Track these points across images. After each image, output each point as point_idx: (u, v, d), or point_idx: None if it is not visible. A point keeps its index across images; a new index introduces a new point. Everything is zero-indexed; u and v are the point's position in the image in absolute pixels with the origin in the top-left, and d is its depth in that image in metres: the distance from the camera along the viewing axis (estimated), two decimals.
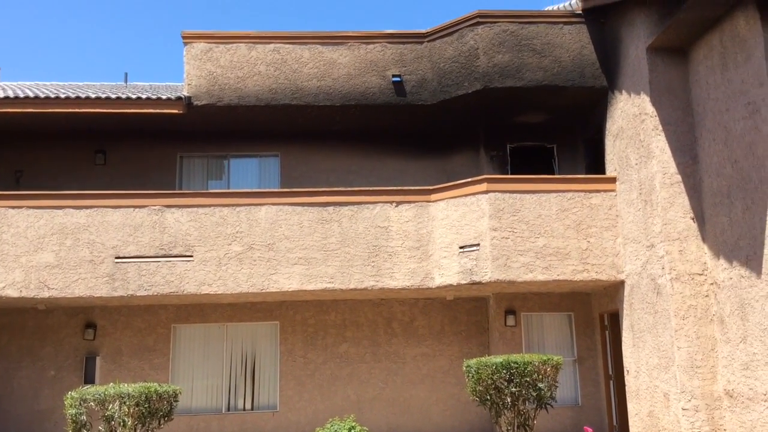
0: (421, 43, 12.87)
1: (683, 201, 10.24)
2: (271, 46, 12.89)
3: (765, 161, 8.64)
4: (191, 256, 11.68)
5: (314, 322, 13.48)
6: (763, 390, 8.71)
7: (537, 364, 9.40)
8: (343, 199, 12.06)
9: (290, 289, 11.71)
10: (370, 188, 12.32)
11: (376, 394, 13.26)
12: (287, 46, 12.89)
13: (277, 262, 11.76)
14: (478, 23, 12.29)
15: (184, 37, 12.88)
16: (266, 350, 13.45)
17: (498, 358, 9.54)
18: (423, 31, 12.90)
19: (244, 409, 13.11)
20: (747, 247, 9.03)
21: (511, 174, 13.38)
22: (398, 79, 12.76)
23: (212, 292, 11.63)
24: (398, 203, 12.09)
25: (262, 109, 12.84)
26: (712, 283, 9.93)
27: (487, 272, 11.38)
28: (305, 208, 12.01)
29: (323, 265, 11.80)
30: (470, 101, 12.62)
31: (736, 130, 9.27)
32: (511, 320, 12.88)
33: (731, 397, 9.43)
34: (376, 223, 11.99)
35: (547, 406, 9.51)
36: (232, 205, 11.93)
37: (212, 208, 11.90)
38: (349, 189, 12.26)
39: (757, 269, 8.82)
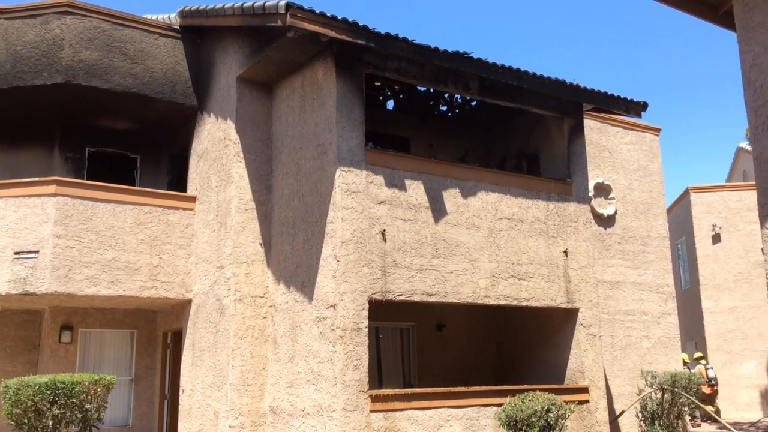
0: None
1: (255, 227, 10.79)
2: None
3: (326, 198, 9.63)
4: None
5: None
6: (302, 406, 9.54)
7: (87, 384, 8.91)
8: None
9: None
10: None
11: None
12: None
13: None
14: (67, 12, 11.31)
15: None
16: None
17: (43, 378, 8.85)
18: None
19: None
20: (303, 275, 9.90)
21: (88, 180, 12.46)
22: None
23: None
24: None
25: None
26: (271, 306, 10.61)
27: (45, 283, 10.35)
28: None
29: None
30: (48, 94, 11.47)
31: (306, 168, 10.17)
32: (66, 337, 11.87)
33: (275, 413, 10.12)
34: None
35: (93, 428, 9.03)
36: None
37: None
38: None
39: (309, 295, 9.71)
